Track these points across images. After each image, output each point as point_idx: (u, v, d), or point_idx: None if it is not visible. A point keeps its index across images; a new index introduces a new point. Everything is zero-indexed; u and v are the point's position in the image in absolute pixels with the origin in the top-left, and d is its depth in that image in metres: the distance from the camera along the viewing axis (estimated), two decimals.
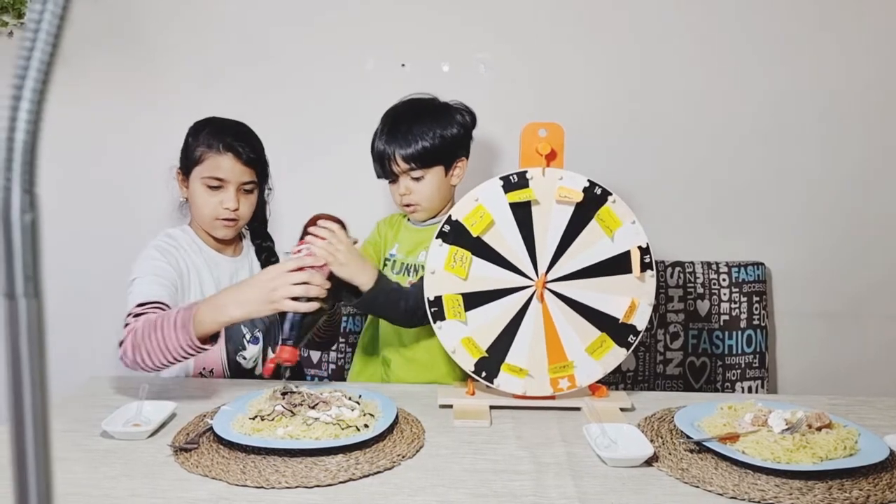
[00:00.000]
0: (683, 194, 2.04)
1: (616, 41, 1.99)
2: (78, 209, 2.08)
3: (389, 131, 1.53)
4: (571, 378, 1.33)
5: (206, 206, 1.50)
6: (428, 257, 1.32)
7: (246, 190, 1.53)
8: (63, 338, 2.10)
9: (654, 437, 1.18)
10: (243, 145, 1.51)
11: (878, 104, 1.99)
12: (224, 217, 1.51)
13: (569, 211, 1.32)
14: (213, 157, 1.49)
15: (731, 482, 1.02)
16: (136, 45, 2.03)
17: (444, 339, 1.32)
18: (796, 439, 1.08)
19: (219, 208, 1.50)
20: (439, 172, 1.54)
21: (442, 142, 1.52)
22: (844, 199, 2.03)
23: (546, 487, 1.02)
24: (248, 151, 1.51)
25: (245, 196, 1.53)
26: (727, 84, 1.99)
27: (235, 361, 1.56)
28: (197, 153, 1.50)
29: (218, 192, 1.50)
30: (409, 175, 1.52)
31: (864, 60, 1.97)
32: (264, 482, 1.00)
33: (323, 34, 2.01)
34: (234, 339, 1.56)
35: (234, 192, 1.50)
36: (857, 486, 1.01)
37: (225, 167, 1.49)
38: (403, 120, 1.54)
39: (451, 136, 1.53)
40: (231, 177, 1.49)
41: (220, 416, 1.18)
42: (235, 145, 1.50)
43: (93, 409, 1.27)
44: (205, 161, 1.49)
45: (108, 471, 1.05)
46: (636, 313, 1.33)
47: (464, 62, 2.02)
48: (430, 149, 1.51)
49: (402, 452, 1.11)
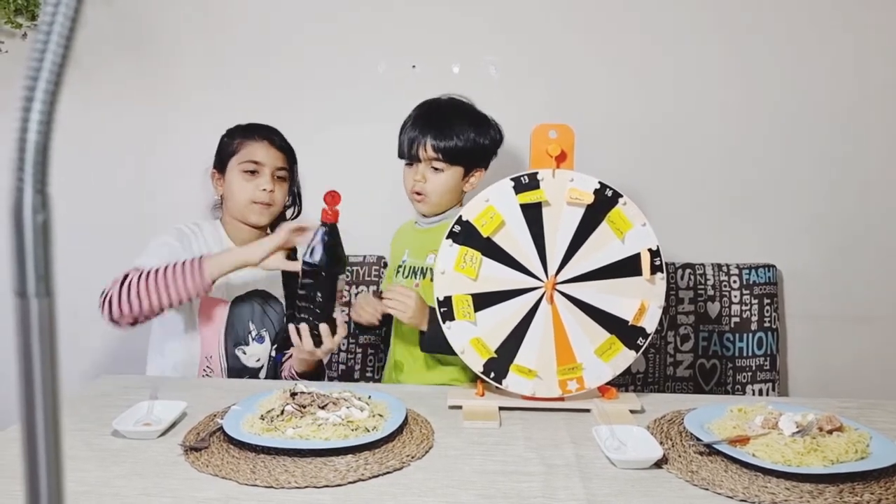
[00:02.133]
0: (694, 196, 2.03)
1: (628, 43, 1.99)
2: (91, 209, 2.10)
3: (427, 118, 1.58)
4: (580, 380, 1.33)
5: (243, 191, 1.59)
6: (438, 257, 1.33)
7: (279, 177, 1.62)
8: (75, 336, 2.11)
9: (663, 440, 1.17)
10: (276, 135, 1.65)
11: (892, 107, 1.97)
12: (261, 200, 1.59)
13: (579, 212, 1.32)
14: (250, 144, 1.61)
15: (741, 485, 1.01)
16: (148, 46, 2.04)
17: (453, 339, 1.32)
18: (807, 442, 1.08)
19: (256, 192, 1.59)
20: (458, 173, 1.58)
21: (472, 146, 1.56)
22: (856, 200, 2.02)
23: (555, 489, 1.02)
24: (280, 139, 1.65)
25: (279, 183, 1.63)
26: (739, 86, 1.99)
27: (234, 355, 1.58)
28: (233, 146, 1.62)
29: (255, 176, 1.60)
30: (430, 164, 1.55)
31: (878, 63, 1.96)
32: (274, 482, 1.01)
33: (335, 37, 2.02)
34: (238, 331, 1.60)
35: (270, 176, 1.60)
36: (869, 489, 1.01)
37: (261, 152, 1.60)
38: (444, 112, 1.59)
39: (480, 144, 1.58)
40: (267, 160, 1.60)
41: (231, 415, 1.19)
42: (269, 134, 1.63)
43: (104, 408, 1.27)
44: (241, 150, 1.61)
45: (119, 470, 1.05)
46: (646, 316, 1.33)
47: (474, 64, 2.02)
48: (460, 147, 1.55)
49: (412, 453, 1.11)
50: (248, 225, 1.63)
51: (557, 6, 1.98)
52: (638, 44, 1.99)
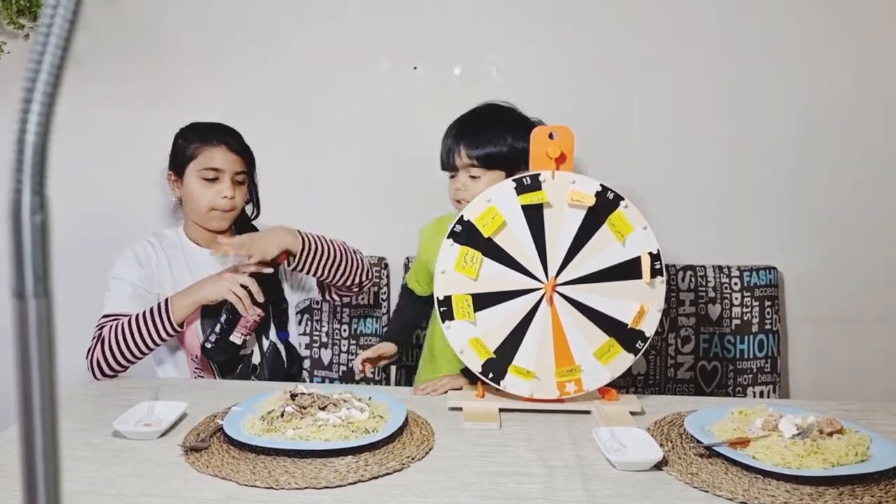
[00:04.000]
0: (695, 198, 2.03)
1: (629, 46, 1.99)
2: (89, 209, 2.10)
3: (462, 126, 1.57)
4: (578, 382, 1.33)
5: (203, 197, 1.58)
6: (439, 257, 1.33)
7: (238, 181, 1.61)
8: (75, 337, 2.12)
9: (663, 441, 1.17)
10: (232, 137, 1.61)
11: (891, 107, 1.97)
12: (221, 207, 1.58)
13: (580, 215, 1.32)
14: (208, 150, 1.57)
15: (741, 487, 1.01)
16: (149, 47, 2.04)
17: (452, 339, 1.32)
18: (807, 445, 1.08)
19: (216, 199, 1.57)
20: (498, 177, 1.52)
21: (509, 150, 1.53)
22: (856, 202, 2.01)
23: (555, 491, 1.02)
24: (237, 142, 1.61)
25: (238, 187, 1.61)
26: (739, 88, 1.98)
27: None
28: (190, 150, 1.58)
29: (214, 183, 1.58)
30: (468, 171, 1.54)
31: (874, 65, 1.96)
32: (274, 483, 1.01)
33: (337, 38, 2.02)
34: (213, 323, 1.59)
35: (230, 181, 1.58)
36: (869, 492, 1.00)
37: (219, 158, 1.57)
38: (478, 119, 1.58)
39: (519, 147, 1.52)
40: (226, 166, 1.58)
41: (231, 416, 1.19)
42: (226, 137, 1.60)
43: (104, 408, 1.28)
44: (199, 155, 1.57)
45: (120, 470, 1.05)
46: (645, 319, 1.33)
47: (476, 65, 2.02)
48: (495, 153, 1.52)
49: (412, 454, 1.11)
50: (209, 230, 1.63)
51: (559, 8, 1.98)
52: (640, 45, 1.98)
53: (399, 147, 2.05)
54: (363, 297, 1.97)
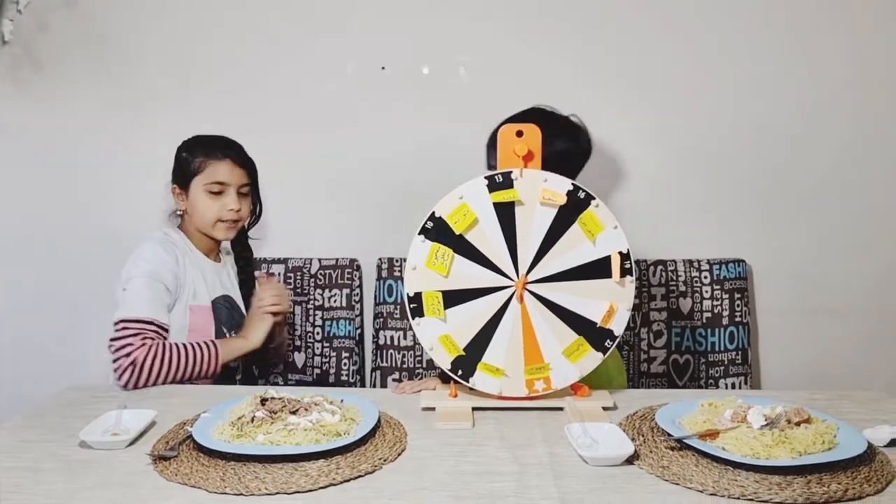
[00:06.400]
0: (664, 193, 2.05)
1: (596, 43, 2.00)
2: (54, 216, 2.07)
3: None
4: (547, 380, 1.33)
5: (210, 210, 1.61)
6: (409, 253, 1.32)
7: (242, 193, 1.63)
8: (41, 348, 2.09)
9: (635, 436, 1.18)
10: (236, 150, 1.64)
11: (855, 103, 2.00)
12: (228, 219, 1.62)
13: (552, 213, 1.32)
14: (213, 163, 1.60)
15: (711, 479, 1.02)
16: (112, 51, 2.01)
17: (421, 336, 1.32)
18: (775, 434, 1.09)
19: (222, 211, 1.61)
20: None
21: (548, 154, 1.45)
22: (823, 195, 2.05)
23: (527, 488, 1.02)
24: (241, 155, 1.64)
25: (243, 198, 1.63)
26: (707, 83, 2.01)
27: None
28: (195, 164, 1.61)
29: (220, 196, 1.61)
30: None
31: (836, 60, 1.99)
32: (244, 489, 1.00)
33: (302, 39, 2.01)
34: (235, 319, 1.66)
35: (235, 194, 1.61)
36: (836, 479, 1.02)
37: (225, 172, 1.60)
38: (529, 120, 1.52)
39: (556, 151, 1.50)
40: (231, 180, 1.61)
41: (200, 423, 1.17)
42: (230, 151, 1.63)
43: (71, 418, 1.25)
44: (205, 169, 1.60)
45: (87, 481, 1.03)
46: (614, 318, 1.33)
47: (444, 64, 2.02)
48: (551, 154, 1.45)
49: (384, 456, 1.11)
50: (214, 240, 1.66)
51: (527, 6, 1.98)
52: (607, 44, 2.00)
53: (368, 148, 2.04)
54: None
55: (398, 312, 1.94)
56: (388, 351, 1.94)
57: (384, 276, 1.97)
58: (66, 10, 1.98)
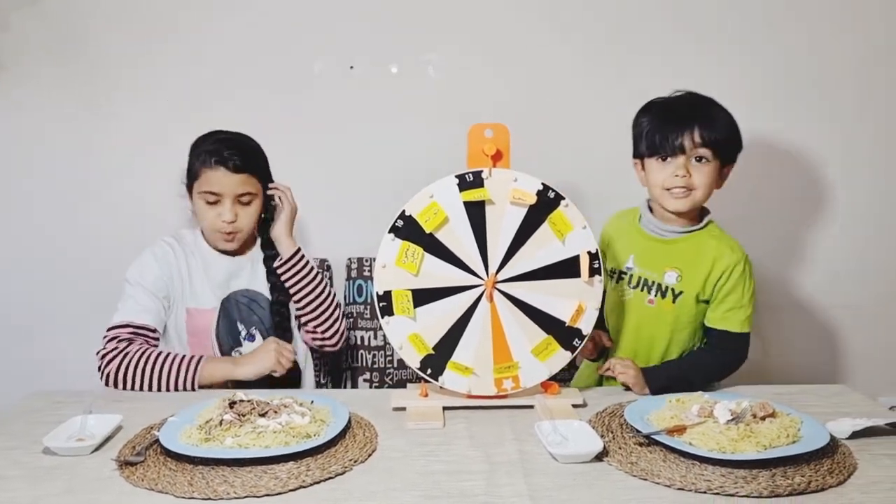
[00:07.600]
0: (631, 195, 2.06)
1: (563, 42, 2.01)
2: (21, 219, 2.03)
3: (689, 108, 1.48)
4: (516, 379, 1.34)
5: (206, 219, 1.55)
6: (379, 251, 1.32)
7: (242, 202, 1.54)
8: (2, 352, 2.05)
9: (604, 432, 1.19)
10: (234, 157, 1.52)
11: (811, 103, 2.04)
12: (222, 230, 1.54)
13: (522, 213, 1.33)
14: (207, 171, 1.51)
15: (679, 473, 1.04)
16: (77, 50, 1.97)
17: (391, 335, 1.32)
18: (741, 429, 1.11)
19: (217, 221, 1.53)
20: (718, 167, 1.48)
21: (731, 137, 1.48)
22: (783, 193, 2.08)
23: (498, 486, 1.02)
24: (238, 162, 1.52)
25: (243, 208, 1.55)
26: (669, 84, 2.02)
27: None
28: (194, 169, 1.54)
29: (215, 205, 1.53)
30: (692, 156, 1.46)
31: (805, 54, 2.02)
32: (212, 493, 0.99)
33: (269, 38, 1.99)
34: (230, 334, 1.59)
35: (231, 204, 1.52)
36: (800, 472, 1.04)
37: (217, 180, 1.51)
38: (702, 103, 1.50)
39: (737, 138, 1.49)
40: (225, 189, 1.51)
41: (168, 427, 1.16)
42: (225, 158, 1.51)
43: (35, 424, 1.23)
44: (200, 176, 1.52)
45: (50, 488, 1.02)
46: (583, 317, 1.34)
47: (412, 63, 2.01)
48: (724, 139, 1.46)
49: (354, 457, 1.10)
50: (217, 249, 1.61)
51: (495, 4, 1.99)
52: (576, 43, 2.01)
53: (336, 148, 2.03)
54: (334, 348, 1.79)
55: (368, 312, 1.93)
56: (359, 351, 1.93)
57: (353, 276, 1.95)
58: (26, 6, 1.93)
